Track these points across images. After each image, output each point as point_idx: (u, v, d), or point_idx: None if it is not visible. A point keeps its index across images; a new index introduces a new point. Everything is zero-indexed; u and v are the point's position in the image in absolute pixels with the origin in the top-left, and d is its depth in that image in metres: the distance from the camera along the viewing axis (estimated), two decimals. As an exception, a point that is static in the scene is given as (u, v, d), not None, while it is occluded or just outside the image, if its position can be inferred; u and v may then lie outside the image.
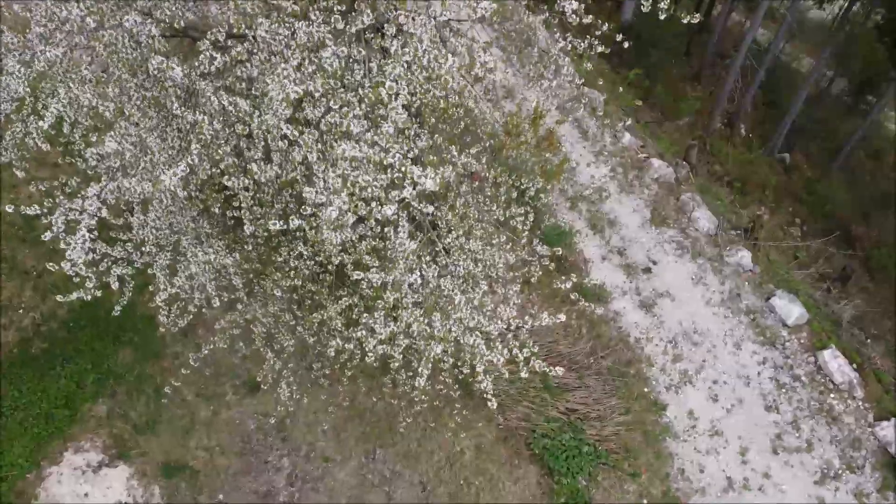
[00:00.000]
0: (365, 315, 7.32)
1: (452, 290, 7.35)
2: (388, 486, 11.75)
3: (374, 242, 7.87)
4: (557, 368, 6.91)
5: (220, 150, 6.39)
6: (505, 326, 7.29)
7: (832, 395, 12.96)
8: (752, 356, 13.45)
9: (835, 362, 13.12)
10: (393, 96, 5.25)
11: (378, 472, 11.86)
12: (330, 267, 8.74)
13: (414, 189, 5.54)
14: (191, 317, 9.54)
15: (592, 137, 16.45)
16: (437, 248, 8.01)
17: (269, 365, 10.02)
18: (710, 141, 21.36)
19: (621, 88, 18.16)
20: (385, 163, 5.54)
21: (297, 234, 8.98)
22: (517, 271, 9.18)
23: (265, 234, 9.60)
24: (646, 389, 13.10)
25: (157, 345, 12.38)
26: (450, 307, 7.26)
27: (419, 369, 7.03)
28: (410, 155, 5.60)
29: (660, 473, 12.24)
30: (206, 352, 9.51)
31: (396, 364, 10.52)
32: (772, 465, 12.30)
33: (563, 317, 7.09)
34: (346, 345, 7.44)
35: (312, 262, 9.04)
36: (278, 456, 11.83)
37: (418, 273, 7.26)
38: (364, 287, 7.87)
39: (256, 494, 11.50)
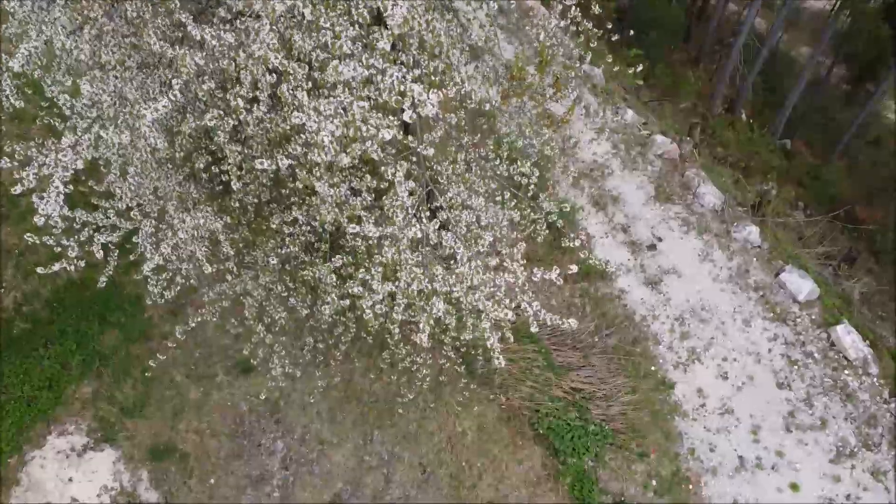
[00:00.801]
0: (361, 270, 6.84)
1: (455, 245, 6.88)
2: (386, 468, 11.27)
3: (369, 200, 7.42)
4: (571, 320, 6.39)
5: (202, 87, 5.91)
6: (512, 280, 6.81)
7: (846, 372, 12.51)
8: (762, 333, 13.01)
9: (848, 338, 12.68)
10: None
11: (376, 454, 11.38)
12: (323, 232, 8.28)
13: (414, 112, 5.07)
14: (178, 288, 9.08)
15: (594, 114, 16.00)
16: (437, 204, 7.55)
17: (260, 339, 9.55)
18: (712, 125, 20.97)
19: (617, 68, 17.67)
20: (382, 86, 5.07)
21: (290, 199, 8.53)
22: (522, 231, 8.72)
23: (255, 200, 9.15)
24: (653, 368, 12.64)
25: (144, 325, 11.89)
26: (452, 262, 6.79)
27: (421, 325, 6.55)
28: (409, 77, 5.13)
29: (669, 453, 11.78)
30: (194, 325, 9.00)
31: (395, 339, 10.10)
32: (785, 444, 11.84)
33: (574, 267, 6.60)
34: (340, 302, 6.93)
35: (307, 228, 8.58)
36: (272, 439, 11.35)
37: (417, 227, 6.80)
38: (360, 244, 7.42)
39: (249, 478, 11.02)
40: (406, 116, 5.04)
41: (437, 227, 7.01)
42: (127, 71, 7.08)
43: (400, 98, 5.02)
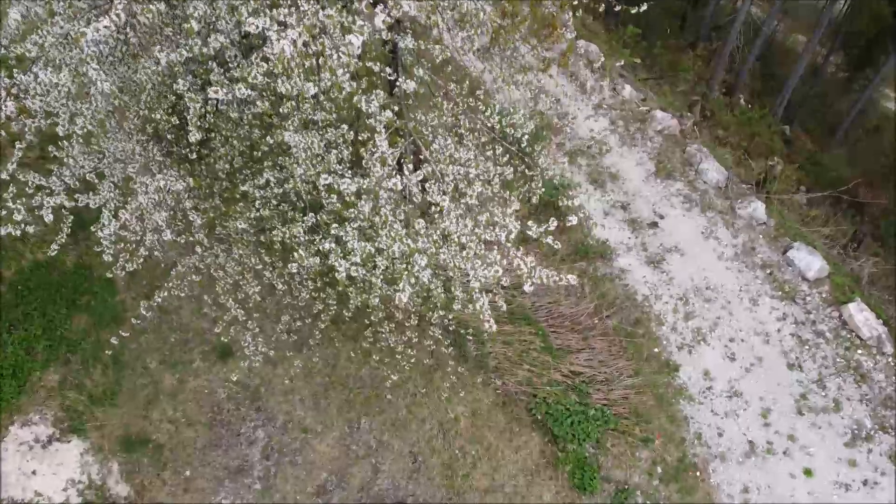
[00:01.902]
0: (335, 226, 6.15)
1: (440, 198, 6.19)
2: (374, 457, 10.57)
3: (345, 154, 6.75)
4: (570, 276, 5.72)
5: (151, 6, 5.22)
6: (504, 235, 6.13)
7: (860, 352, 11.85)
8: (770, 312, 12.34)
9: (861, 316, 12.02)
10: None
11: (363, 442, 10.68)
12: (297, 197, 7.59)
13: (390, 15, 4.39)
14: (141, 260, 8.37)
15: (590, 90, 15.35)
16: (421, 156, 6.87)
17: (233, 316, 8.86)
18: (711, 107, 20.35)
19: (614, 43, 17.07)
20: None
21: (263, 163, 7.87)
22: (515, 191, 8.04)
23: (227, 166, 8.48)
24: (656, 350, 11.96)
25: (116, 309, 11.18)
26: (437, 215, 6.11)
27: (401, 285, 5.86)
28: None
29: (675, 438, 11.10)
30: (160, 300, 8.31)
31: (376, 312, 9.40)
32: (797, 427, 11.17)
33: (574, 219, 5.93)
34: (310, 260, 6.25)
35: (279, 191, 7.88)
36: (252, 427, 10.64)
37: (398, 179, 6.11)
38: (335, 201, 6.73)
39: (227, 470, 10.30)
40: (379, 20, 4.36)
41: (419, 179, 6.33)
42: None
43: None
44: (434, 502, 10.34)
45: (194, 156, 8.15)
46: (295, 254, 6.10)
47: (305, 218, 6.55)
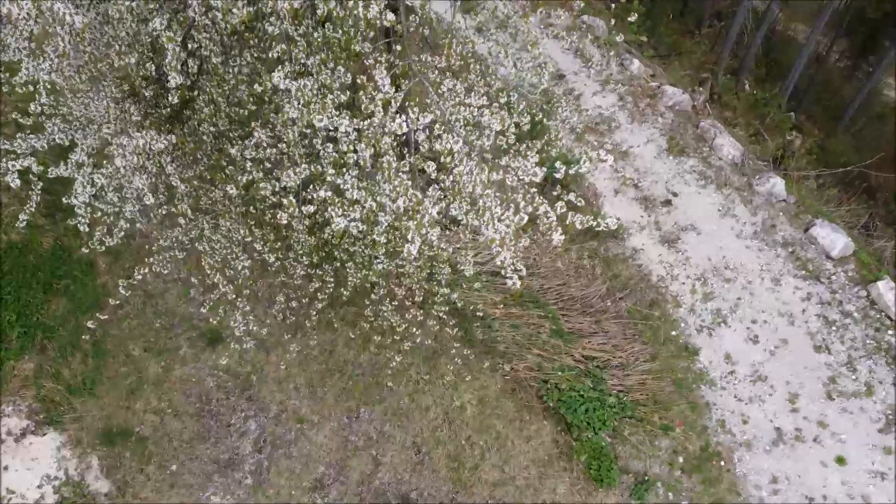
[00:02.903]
0: (331, 173, 5.41)
1: (452, 140, 5.45)
2: (374, 448, 9.83)
3: (342, 98, 6.01)
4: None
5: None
6: (527, 178, 5.42)
7: (890, 332, 11.13)
8: (794, 292, 11.62)
9: (891, 295, 11.31)
10: None
11: (363, 433, 9.93)
12: (287, 149, 6.84)
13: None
14: (121, 234, 7.65)
15: (598, 65, 14.65)
16: (427, 100, 6.13)
17: (222, 295, 8.10)
18: (718, 90, 19.68)
19: (613, 21, 16.34)
20: None
21: (250, 124, 7.14)
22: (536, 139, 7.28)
23: (212, 128, 7.76)
24: (674, 332, 11.23)
25: (97, 293, 10.44)
26: (447, 159, 5.37)
27: (409, 235, 5.13)
28: None
29: (696, 426, 10.36)
30: (140, 277, 7.56)
31: (380, 292, 8.67)
32: (827, 413, 10.44)
33: (609, 158, 5.22)
34: (301, 209, 5.51)
35: (273, 151, 7.14)
36: (243, 418, 9.90)
37: (402, 120, 5.38)
38: (330, 150, 6.00)
39: (217, 463, 9.56)
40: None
41: (427, 122, 5.60)
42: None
43: None
44: (439, 496, 9.59)
45: (168, 110, 7.44)
46: (284, 201, 5.34)
47: (298, 169, 5.80)
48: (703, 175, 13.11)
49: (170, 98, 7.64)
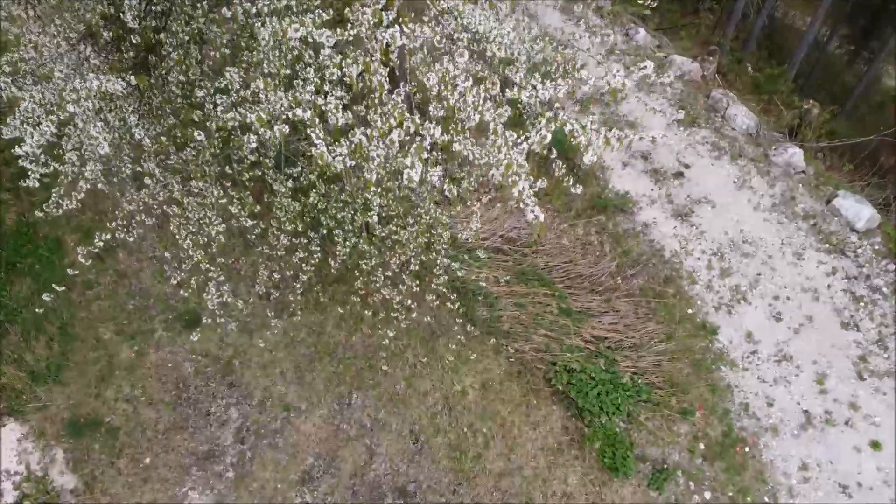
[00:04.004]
0: (310, 91, 4.55)
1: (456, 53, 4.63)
2: (368, 437, 8.99)
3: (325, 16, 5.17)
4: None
5: None
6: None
7: (923, 307, 10.37)
8: (818, 266, 10.82)
9: (922, 268, 10.54)
10: None
11: (355, 421, 9.09)
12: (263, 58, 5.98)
13: None
14: (82, 195, 6.80)
15: (602, 34, 13.83)
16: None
17: (194, 264, 7.25)
18: (724, 69, 18.95)
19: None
20: None
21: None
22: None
23: (182, 77, 6.96)
24: (690, 311, 10.42)
25: (63, 273, 9.55)
26: (447, 85, 4.53)
27: (409, 161, 4.30)
28: None
29: (717, 410, 9.55)
30: (101, 243, 6.71)
31: (374, 261, 7.84)
32: (859, 394, 9.64)
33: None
34: (276, 130, 4.67)
35: (247, 92, 6.32)
36: (224, 406, 9.05)
37: (396, 30, 4.56)
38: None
39: (195, 455, 8.71)
40: None
41: (425, 37, 4.78)
42: None
43: None
44: (439, 489, 8.76)
45: (131, 53, 6.62)
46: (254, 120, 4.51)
47: (274, 98, 4.95)
48: (716, 146, 12.32)
49: (133, 40, 6.84)
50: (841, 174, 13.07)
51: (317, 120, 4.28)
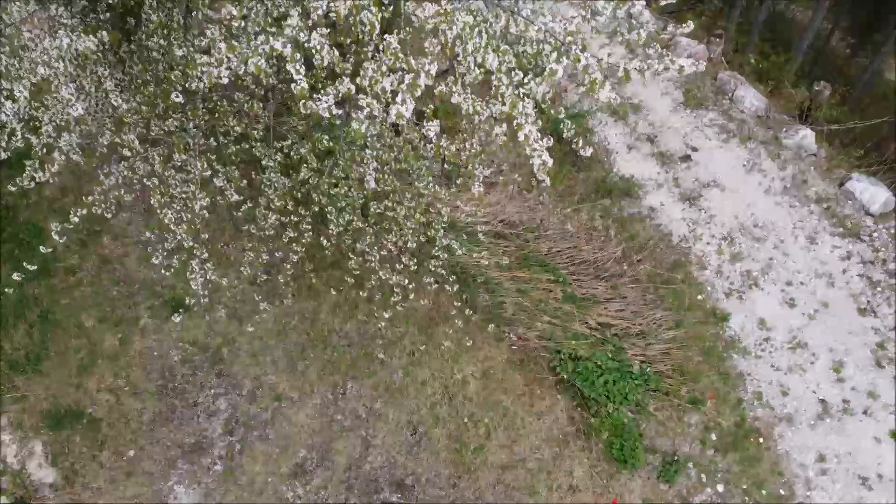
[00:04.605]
0: (292, 26, 4.09)
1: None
2: (364, 429, 8.56)
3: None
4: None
5: None
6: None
7: (942, 293, 9.95)
8: (832, 251, 10.40)
9: (941, 251, 10.12)
10: None
11: (350, 411, 8.67)
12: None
13: None
14: (55, 167, 6.38)
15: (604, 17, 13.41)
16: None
17: (177, 242, 6.82)
18: (728, 57, 18.54)
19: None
20: None
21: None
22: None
23: (163, 41, 6.53)
24: (700, 297, 10.00)
25: (45, 259, 9.12)
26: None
27: (399, 98, 3.86)
28: None
29: (729, 400, 9.13)
30: (76, 219, 6.29)
31: (369, 239, 7.42)
32: (878, 382, 9.22)
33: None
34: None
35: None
36: (212, 396, 8.62)
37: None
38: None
39: (181, 448, 8.28)
40: None
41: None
42: None
43: None
44: (439, 482, 8.33)
45: (108, 14, 6.20)
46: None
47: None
48: (724, 128, 11.90)
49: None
50: (852, 159, 12.65)
51: (298, 55, 3.84)
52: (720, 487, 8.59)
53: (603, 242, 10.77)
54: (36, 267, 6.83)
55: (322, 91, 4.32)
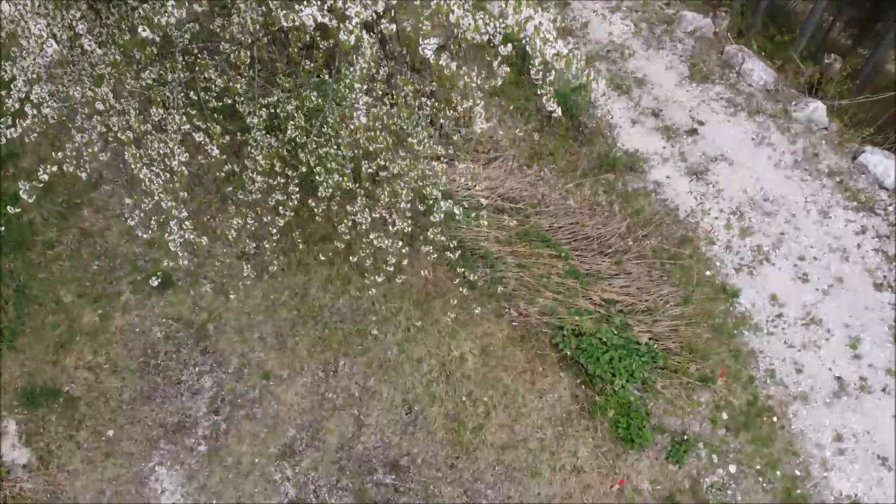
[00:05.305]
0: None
1: None
2: (356, 407, 8.12)
3: None
4: None
5: None
6: None
7: (961, 267, 9.51)
8: (846, 225, 9.97)
9: (959, 225, 9.68)
10: None
11: (342, 389, 8.23)
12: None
13: None
14: (27, 122, 6.02)
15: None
16: None
17: (153, 202, 6.39)
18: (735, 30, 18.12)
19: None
20: None
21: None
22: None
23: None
24: (708, 273, 9.57)
25: (22, 231, 8.73)
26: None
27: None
28: None
29: (741, 377, 8.69)
30: (46, 177, 5.88)
31: (361, 201, 6.99)
32: (896, 359, 8.79)
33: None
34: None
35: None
36: (196, 374, 8.19)
37: None
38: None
39: (163, 427, 7.84)
40: None
41: None
42: None
43: None
44: (436, 462, 7.89)
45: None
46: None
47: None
48: (731, 102, 11.47)
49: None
50: (865, 135, 12.21)
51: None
52: (732, 468, 8.15)
53: (606, 218, 10.35)
54: (3, 228, 6.40)
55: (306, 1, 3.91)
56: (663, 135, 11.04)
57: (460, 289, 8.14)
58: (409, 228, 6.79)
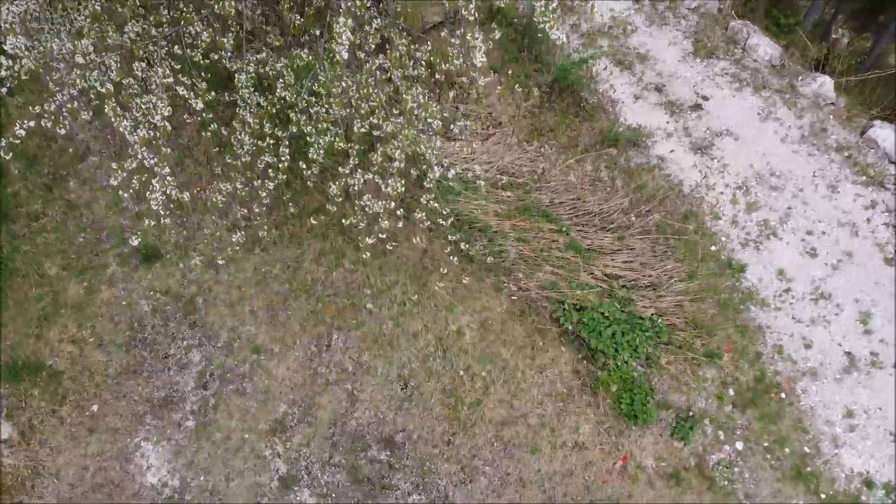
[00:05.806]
0: None
1: None
2: (350, 382, 7.85)
3: None
4: None
5: None
6: None
7: (975, 242, 9.22)
8: (854, 199, 9.68)
9: (972, 198, 9.39)
10: None
11: (335, 364, 7.96)
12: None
13: None
14: (2, 73, 5.75)
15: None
16: None
17: (133, 156, 6.10)
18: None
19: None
20: None
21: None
22: None
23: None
24: (713, 248, 9.29)
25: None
26: None
27: None
28: None
29: (748, 353, 8.41)
30: (23, 132, 5.61)
31: (353, 161, 6.72)
32: (908, 334, 8.50)
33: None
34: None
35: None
36: (184, 348, 7.92)
37: None
38: None
39: (150, 402, 7.57)
40: None
41: None
42: None
43: None
44: (432, 438, 7.61)
45: None
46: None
47: None
48: (736, 77, 11.19)
49: None
50: (874, 110, 11.92)
51: None
52: (739, 445, 7.86)
53: (609, 193, 10.08)
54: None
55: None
56: (667, 110, 10.76)
57: (451, 258, 7.84)
58: (402, 189, 6.51)
